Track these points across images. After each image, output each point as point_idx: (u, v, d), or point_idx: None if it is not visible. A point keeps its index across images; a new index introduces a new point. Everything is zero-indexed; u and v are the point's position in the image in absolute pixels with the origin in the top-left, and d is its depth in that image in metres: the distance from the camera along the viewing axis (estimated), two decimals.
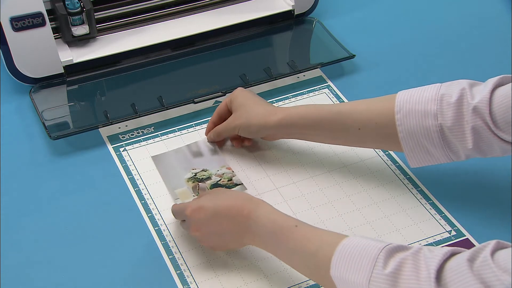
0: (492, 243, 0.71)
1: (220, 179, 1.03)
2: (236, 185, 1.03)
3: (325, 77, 1.22)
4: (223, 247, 0.92)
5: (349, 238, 0.80)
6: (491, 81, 0.89)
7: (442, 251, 0.74)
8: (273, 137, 1.05)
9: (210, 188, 1.02)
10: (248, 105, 1.03)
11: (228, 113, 1.07)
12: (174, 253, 0.94)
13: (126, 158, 1.07)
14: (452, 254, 0.74)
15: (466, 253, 0.72)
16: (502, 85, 0.89)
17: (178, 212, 0.94)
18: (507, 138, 0.88)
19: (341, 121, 0.97)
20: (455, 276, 0.71)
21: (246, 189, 1.02)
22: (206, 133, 1.09)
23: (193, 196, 1.01)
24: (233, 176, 1.04)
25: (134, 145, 1.10)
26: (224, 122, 1.06)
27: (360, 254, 0.77)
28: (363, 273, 0.76)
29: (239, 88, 1.06)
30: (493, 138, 0.89)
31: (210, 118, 1.11)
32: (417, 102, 0.92)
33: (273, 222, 0.86)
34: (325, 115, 0.98)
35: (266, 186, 1.03)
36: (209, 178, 1.04)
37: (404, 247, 0.77)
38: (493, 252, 0.70)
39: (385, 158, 1.08)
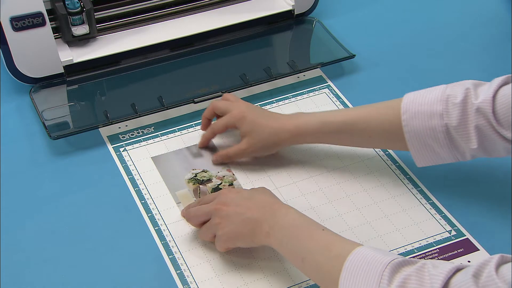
0: (495, 258, 0.71)
1: (221, 183, 1.03)
2: None
3: (325, 77, 1.22)
4: (234, 237, 0.90)
5: (355, 253, 0.79)
6: (496, 81, 0.90)
7: (446, 267, 0.73)
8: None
9: (211, 192, 1.02)
10: (256, 130, 1.02)
11: (225, 129, 1.06)
12: (174, 253, 0.94)
13: (126, 158, 1.07)
14: (457, 270, 0.73)
15: (471, 269, 0.71)
16: (507, 84, 0.89)
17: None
18: (510, 136, 0.88)
19: (350, 131, 0.99)
20: None
21: None
22: (202, 146, 1.09)
23: (194, 199, 1.01)
24: (234, 180, 1.04)
25: (134, 145, 1.10)
26: (237, 149, 1.04)
27: (366, 270, 0.76)
28: None
29: (241, 111, 1.04)
30: (497, 137, 0.89)
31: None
32: (423, 103, 0.93)
33: (301, 218, 0.87)
34: (334, 127, 0.99)
35: (266, 186, 1.02)
36: (209, 180, 1.04)
37: (409, 261, 0.76)
38: (497, 267, 0.70)
39: (385, 158, 1.08)
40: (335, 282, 0.79)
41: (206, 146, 1.09)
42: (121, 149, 1.09)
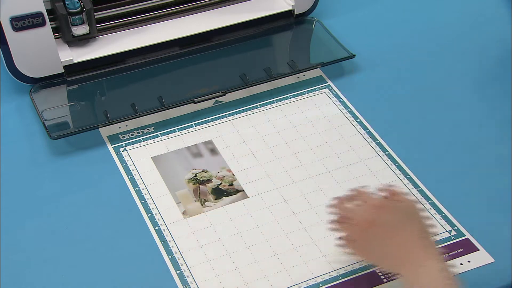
0: None
1: (221, 183, 1.03)
2: (238, 191, 1.02)
3: (325, 77, 1.22)
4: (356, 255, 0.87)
5: None
6: None
7: None
8: None
9: (211, 192, 1.02)
10: None
11: None
12: (174, 253, 0.94)
13: (126, 158, 1.07)
14: None
15: None
16: None
17: (371, 200, 0.88)
18: None
19: None
20: None
21: (248, 196, 1.02)
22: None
23: (194, 199, 1.01)
24: (234, 181, 1.04)
25: (134, 145, 1.10)
26: None
27: None
28: None
29: None
30: None
31: (209, 118, 1.13)
32: None
33: (438, 279, 0.80)
34: None
35: (266, 186, 1.03)
36: (209, 180, 1.04)
37: None
38: None
39: (385, 158, 1.08)
40: None
41: None
42: (121, 149, 1.09)
